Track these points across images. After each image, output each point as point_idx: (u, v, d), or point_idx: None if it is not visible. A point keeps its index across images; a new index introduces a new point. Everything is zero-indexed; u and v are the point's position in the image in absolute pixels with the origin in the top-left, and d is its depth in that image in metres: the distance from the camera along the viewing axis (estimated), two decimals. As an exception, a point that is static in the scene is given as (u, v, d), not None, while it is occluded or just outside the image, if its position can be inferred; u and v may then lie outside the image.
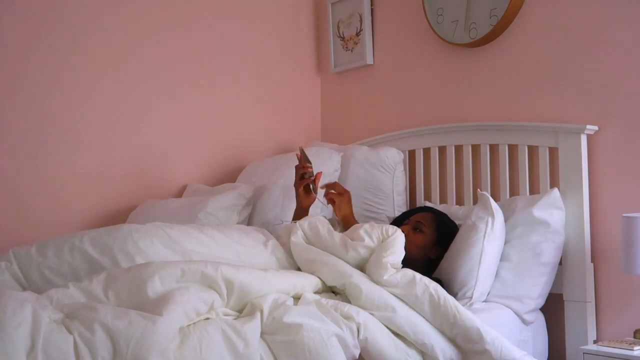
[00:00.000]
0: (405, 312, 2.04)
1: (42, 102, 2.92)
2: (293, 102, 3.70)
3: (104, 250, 2.06)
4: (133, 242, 2.08)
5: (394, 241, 2.21)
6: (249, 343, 1.73)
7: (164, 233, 2.17)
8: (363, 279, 2.11)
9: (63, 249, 2.06)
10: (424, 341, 2.01)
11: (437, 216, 2.64)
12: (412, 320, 2.03)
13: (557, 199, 2.54)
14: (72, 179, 2.99)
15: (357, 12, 3.53)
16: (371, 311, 2.02)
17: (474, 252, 2.40)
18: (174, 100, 3.29)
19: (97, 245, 2.07)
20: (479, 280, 2.39)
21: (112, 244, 2.07)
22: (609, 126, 2.56)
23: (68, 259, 2.04)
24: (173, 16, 3.30)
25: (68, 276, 2.02)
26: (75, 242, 2.08)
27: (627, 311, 2.48)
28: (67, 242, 2.09)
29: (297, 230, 2.35)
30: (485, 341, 2.03)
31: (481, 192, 2.52)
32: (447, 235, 2.58)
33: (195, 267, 1.89)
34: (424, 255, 2.54)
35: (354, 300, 2.07)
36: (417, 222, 2.59)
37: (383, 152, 3.07)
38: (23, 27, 2.88)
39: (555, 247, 2.50)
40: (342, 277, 2.12)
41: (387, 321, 2.01)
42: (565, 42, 2.69)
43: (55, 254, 2.05)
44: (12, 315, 1.55)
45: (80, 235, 2.12)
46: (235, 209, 2.82)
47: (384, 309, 2.03)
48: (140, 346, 1.57)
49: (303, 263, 2.26)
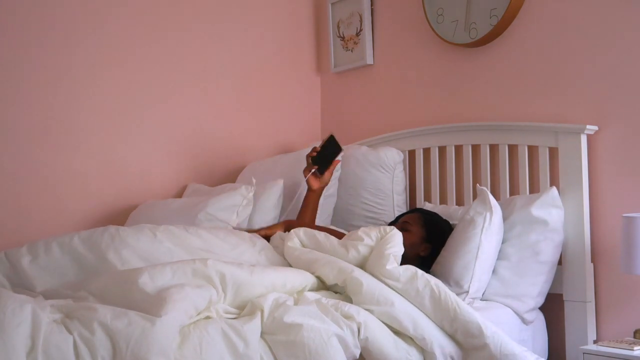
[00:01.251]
0: (405, 307, 2.04)
1: (42, 102, 2.92)
2: (293, 102, 3.70)
3: (93, 248, 2.10)
4: (120, 238, 2.13)
5: (393, 237, 2.24)
6: (249, 343, 1.73)
7: (149, 232, 2.21)
8: (364, 274, 2.12)
9: (52, 246, 2.10)
10: (423, 336, 2.01)
11: (424, 215, 2.66)
12: (411, 314, 2.03)
13: (555, 197, 2.54)
14: (72, 179, 2.99)
15: (357, 12, 3.53)
16: (371, 306, 2.02)
17: (470, 246, 2.40)
18: (174, 100, 3.29)
19: (86, 243, 2.11)
20: (475, 275, 2.39)
21: (100, 241, 2.11)
22: (609, 126, 2.56)
23: (58, 257, 2.08)
24: (173, 16, 3.30)
25: (56, 275, 2.05)
26: (65, 240, 2.12)
27: (627, 311, 2.48)
28: (56, 239, 2.14)
29: (292, 237, 2.36)
30: (485, 335, 2.03)
31: (480, 187, 2.53)
32: (436, 232, 2.59)
33: (184, 266, 1.90)
34: (414, 254, 2.54)
35: (355, 296, 2.06)
36: (404, 222, 2.62)
37: (383, 152, 3.07)
38: (23, 27, 2.88)
39: (554, 245, 2.50)
40: (343, 273, 2.13)
41: (387, 316, 2.01)
42: (565, 42, 2.69)
43: (45, 253, 2.09)
44: (12, 316, 1.55)
45: (70, 235, 2.17)
46: (235, 209, 2.82)
47: (384, 304, 2.02)
48: (140, 346, 1.57)
49: (302, 265, 2.26)
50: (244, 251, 2.29)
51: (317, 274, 2.18)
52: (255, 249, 2.32)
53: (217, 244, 2.27)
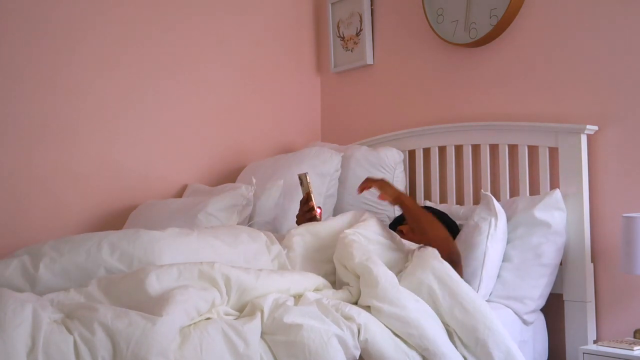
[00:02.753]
0: (417, 315, 1.98)
1: (42, 101, 2.92)
2: (293, 102, 3.71)
3: (123, 259, 2.01)
4: (154, 254, 2.03)
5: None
6: (249, 343, 1.73)
7: (183, 245, 2.13)
8: (386, 271, 2.08)
9: (80, 250, 2.01)
10: (427, 347, 1.95)
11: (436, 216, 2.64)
12: (421, 323, 1.97)
13: (558, 200, 2.54)
14: (72, 179, 2.99)
15: (357, 12, 3.53)
16: (383, 304, 1.98)
17: (477, 252, 2.40)
18: (174, 100, 3.29)
19: (115, 253, 2.02)
20: (483, 281, 2.39)
21: (132, 252, 2.02)
22: (609, 126, 2.56)
23: (82, 262, 1.99)
24: (173, 16, 3.30)
25: (78, 280, 1.96)
26: (92, 249, 2.02)
27: (627, 311, 2.48)
28: (83, 245, 2.03)
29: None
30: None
31: (484, 193, 2.53)
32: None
33: (191, 267, 1.89)
34: None
35: (368, 289, 2.03)
36: None
37: (383, 152, 3.07)
38: (23, 27, 2.88)
39: (556, 248, 2.50)
40: (364, 254, 2.12)
41: (396, 317, 1.96)
42: (565, 42, 2.69)
43: (70, 253, 2.00)
44: (12, 316, 1.55)
45: (97, 239, 2.06)
46: (236, 209, 2.82)
47: (396, 305, 1.97)
48: (140, 346, 1.57)
49: (316, 251, 2.27)
50: (261, 262, 2.23)
51: (348, 250, 2.16)
52: (270, 256, 2.27)
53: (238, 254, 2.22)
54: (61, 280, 1.96)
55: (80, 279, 1.96)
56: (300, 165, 3.05)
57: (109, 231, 2.14)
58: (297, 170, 3.00)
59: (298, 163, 3.08)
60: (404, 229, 2.56)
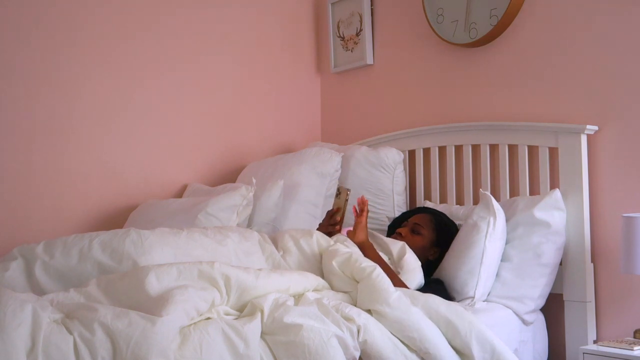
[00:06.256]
0: (419, 318, 1.98)
1: (42, 101, 2.92)
2: (293, 102, 3.71)
3: (114, 256, 2.05)
4: (143, 249, 2.07)
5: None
6: (249, 343, 1.73)
7: (172, 241, 2.16)
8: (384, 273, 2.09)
9: (72, 251, 2.05)
10: (428, 350, 1.96)
11: (435, 217, 2.64)
12: (422, 326, 1.97)
13: (558, 200, 2.54)
14: (72, 179, 2.99)
15: (357, 12, 3.53)
16: (384, 307, 1.97)
17: (475, 251, 2.40)
18: (174, 100, 3.29)
19: (106, 250, 2.06)
20: (481, 280, 2.39)
21: (122, 248, 2.05)
22: (609, 126, 2.56)
23: (74, 263, 2.03)
24: (173, 16, 3.30)
25: (73, 280, 2.00)
26: (83, 249, 2.06)
27: (627, 311, 2.48)
28: (74, 246, 2.07)
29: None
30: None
31: (483, 192, 2.53)
32: (446, 236, 2.58)
33: (190, 266, 1.90)
34: (423, 257, 2.54)
35: (371, 293, 2.04)
36: (415, 223, 2.60)
37: (383, 152, 3.07)
38: (23, 27, 2.88)
39: (556, 248, 2.50)
40: (363, 257, 2.16)
41: (397, 320, 1.96)
42: (565, 42, 2.69)
43: (62, 255, 2.04)
44: (12, 316, 1.55)
45: (89, 238, 2.10)
46: (236, 209, 2.82)
47: (397, 308, 1.98)
48: (140, 346, 1.57)
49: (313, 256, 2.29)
50: (254, 260, 2.25)
51: (344, 256, 2.16)
52: (263, 255, 2.29)
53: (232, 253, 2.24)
54: (57, 282, 1.99)
55: (74, 279, 1.99)
56: (300, 165, 3.05)
57: (101, 231, 2.17)
58: (297, 170, 3.00)
59: (298, 163, 3.08)
60: (403, 231, 2.58)
